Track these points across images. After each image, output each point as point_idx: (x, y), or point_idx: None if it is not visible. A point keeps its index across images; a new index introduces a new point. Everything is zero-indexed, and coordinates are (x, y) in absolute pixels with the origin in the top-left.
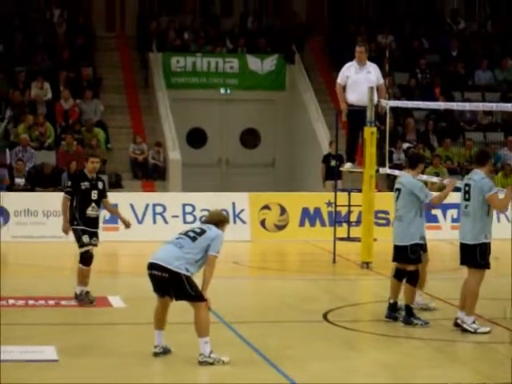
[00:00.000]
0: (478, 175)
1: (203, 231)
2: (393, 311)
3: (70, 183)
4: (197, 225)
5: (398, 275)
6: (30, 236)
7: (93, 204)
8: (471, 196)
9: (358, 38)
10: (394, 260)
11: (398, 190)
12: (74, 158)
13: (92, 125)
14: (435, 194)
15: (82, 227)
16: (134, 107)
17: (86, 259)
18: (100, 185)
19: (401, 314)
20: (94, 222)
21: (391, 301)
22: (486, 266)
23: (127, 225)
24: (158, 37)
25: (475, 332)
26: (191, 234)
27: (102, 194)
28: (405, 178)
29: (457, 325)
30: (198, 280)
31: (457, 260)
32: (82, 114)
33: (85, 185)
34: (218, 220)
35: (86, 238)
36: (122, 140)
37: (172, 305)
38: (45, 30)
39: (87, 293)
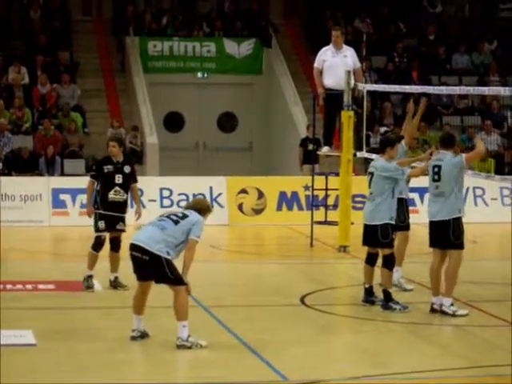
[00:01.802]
0: (447, 156)
1: (185, 215)
2: (369, 295)
3: (94, 167)
4: (179, 210)
5: (370, 260)
6: (6, 220)
7: (116, 188)
8: (442, 176)
9: (332, 22)
10: (365, 243)
11: (371, 173)
12: (51, 142)
13: (69, 109)
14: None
15: (101, 212)
16: (110, 91)
17: (96, 244)
18: (127, 169)
19: (377, 297)
20: (118, 206)
21: (366, 285)
22: (461, 245)
23: (138, 216)
24: (134, 21)
25: (454, 314)
26: (173, 218)
27: (130, 179)
28: (378, 162)
29: (433, 310)
30: (178, 263)
31: None
32: (59, 98)
33: (108, 168)
34: (202, 208)
35: (101, 224)
36: (99, 124)
37: (151, 288)
38: (20, 13)
39: (89, 277)
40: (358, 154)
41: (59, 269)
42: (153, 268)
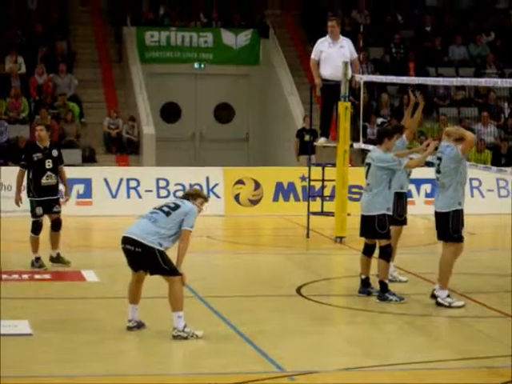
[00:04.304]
0: (448, 148)
1: (177, 206)
2: (365, 286)
3: (23, 156)
4: (171, 200)
5: (367, 251)
6: (3, 210)
7: (48, 173)
8: (441, 169)
9: (329, 12)
10: (362, 235)
11: (368, 164)
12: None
13: (65, 99)
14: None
15: (37, 199)
16: (108, 81)
17: (36, 229)
18: (54, 153)
19: (374, 288)
20: (51, 190)
21: (363, 276)
22: (459, 239)
23: (66, 199)
24: (132, 11)
25: (450, 306)
26: (165, 209)
27: (58, 161)
28: (375, 152)
29: (434, 296)
30: (172, 254)
31: (430, 235)
32: (56, 88)
33: (37, 156)
34: (192, 194)
35: (39, 210)
36: (96, 114)
37: (146, 279)
38: (18, 3)
39: (38, 259)
40: (355, 145)
41: None
42: (146, 260)
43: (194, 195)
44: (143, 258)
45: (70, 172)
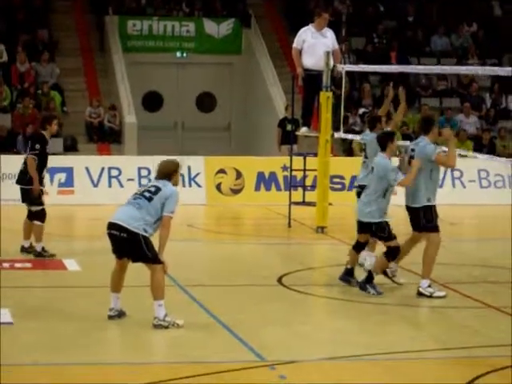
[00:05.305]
0: (422, 142)
1: (158, 189)
2: (347, 275)
3: (38, 145)
4: (151, 182)
5: (357, 247)
6: None
7: (47, 165)
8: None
9: (313, 2)
10: (361, 233)
11: (372, 168)
12: (29, 120)
13: (48, 88)
14: None
15: (41, 187)
16: (89, 70)
17: (44, 216)
18: None
19: (354, 280)
20: (42, 181)
21: (348, 266)
22: (434, 228)
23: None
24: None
25: (431, 296)
26: (147, 195)
27: None
28: (378, 158)
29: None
30: (154, 242)
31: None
32: (38, 76)
33: (48, 148)
34: (169, 171)
35: (43, 198)
36: (78, 103)
37: (128, 267)
38: None
39: (42, 248)
40: (336, 135)
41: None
42: (131, 246)
43: (172, 172)
44: (128, 244)
45: (51, 161)
